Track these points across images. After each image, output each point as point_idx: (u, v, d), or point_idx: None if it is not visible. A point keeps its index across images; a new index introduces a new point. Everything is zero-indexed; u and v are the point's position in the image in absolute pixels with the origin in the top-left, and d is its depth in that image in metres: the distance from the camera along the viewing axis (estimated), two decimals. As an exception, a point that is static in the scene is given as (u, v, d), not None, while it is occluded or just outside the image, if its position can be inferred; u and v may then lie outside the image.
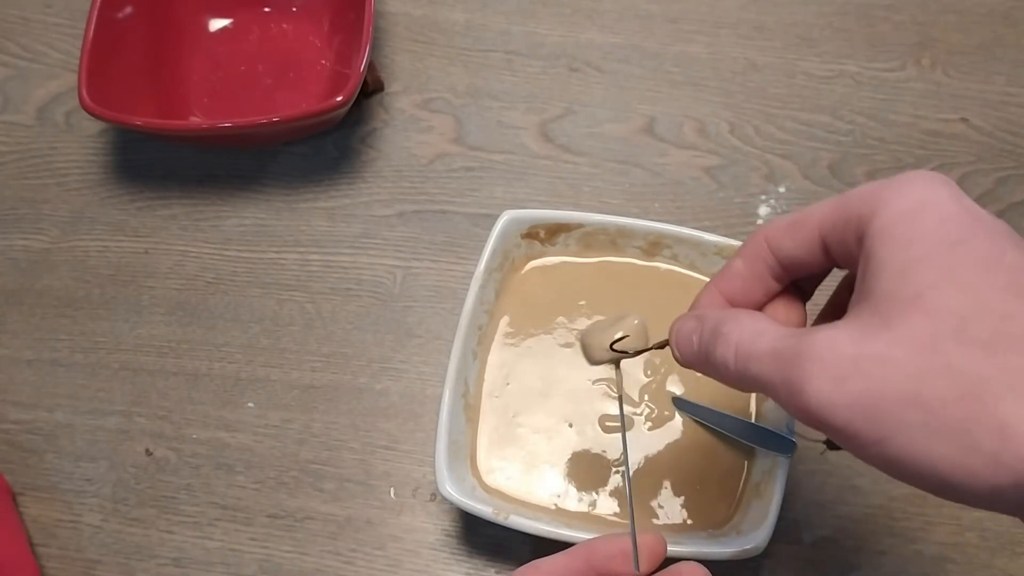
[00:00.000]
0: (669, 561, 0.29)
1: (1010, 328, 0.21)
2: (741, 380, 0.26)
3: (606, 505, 0.40)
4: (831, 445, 0.35)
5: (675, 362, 0.29)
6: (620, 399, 0.34)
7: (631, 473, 0.32)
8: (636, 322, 0.32)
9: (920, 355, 0.21)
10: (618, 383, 0.34)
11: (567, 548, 0.30)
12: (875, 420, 0.21)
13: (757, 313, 0.27)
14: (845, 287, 0.29)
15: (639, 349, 0.32)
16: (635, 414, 0.41)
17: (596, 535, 0.36)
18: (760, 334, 0.25)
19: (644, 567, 0.27)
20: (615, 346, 0.32)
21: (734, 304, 0.28)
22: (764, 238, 0.27)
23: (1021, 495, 0.20)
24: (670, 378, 0.42)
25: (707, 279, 0.44)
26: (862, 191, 0.24)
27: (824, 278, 0.29)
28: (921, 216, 0.23)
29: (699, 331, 0.27)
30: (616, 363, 0.33)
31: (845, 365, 0.22)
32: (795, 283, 0.28)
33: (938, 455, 0.21)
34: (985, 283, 0.21)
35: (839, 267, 0.26)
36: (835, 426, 0.22)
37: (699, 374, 0.41)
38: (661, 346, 0.31)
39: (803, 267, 0.27)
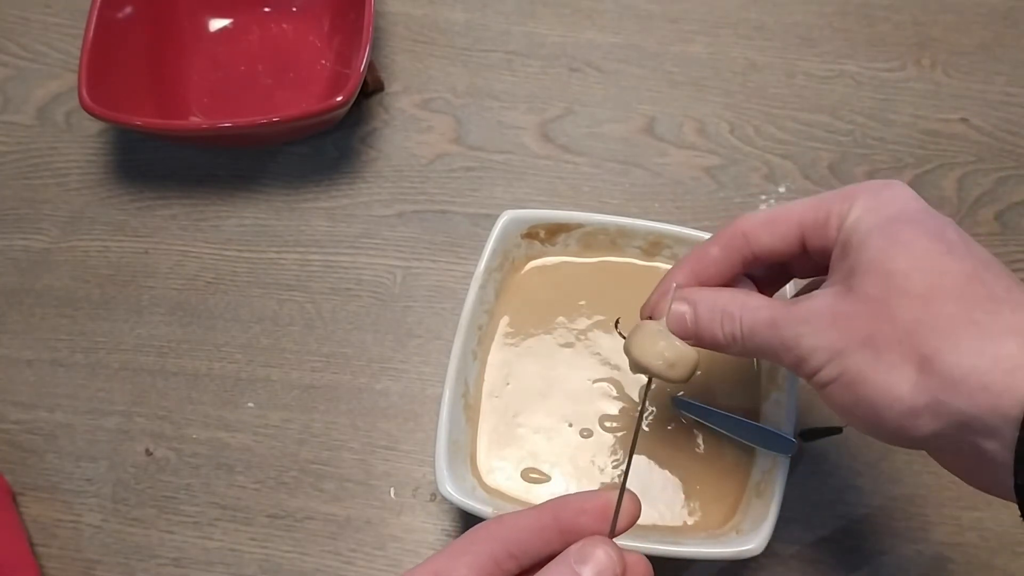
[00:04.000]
0: (668, 562, 0.29)
1: (943, 282, 0.26)
2: (745, 351, 0.31)
3: (606, 505, 0.39)
4: (805, 437, 0.39)
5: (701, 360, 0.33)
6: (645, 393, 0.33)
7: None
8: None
9: (872, 307, 0.27)
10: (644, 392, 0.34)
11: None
12: (839, 361, 0.28)
13: (746, 291, 0.33)
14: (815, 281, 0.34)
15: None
16: (635, 414, 0.41)
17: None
18: (759, 309, 0.30)
19: (618, 527, 0.26)
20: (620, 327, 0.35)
21: (702, 284, 0.33)
22: (742, 231, 0.32)
23: (934, 413, 0.26)
24: (670, 378, 0.42)
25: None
26: (841, 191, 0.30)
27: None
28: (888, 206, 0.29)
29: (691, 312, 0.32)
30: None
31: (825, 320, 0.28)
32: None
33: (875, 385, 0.27)
34: (928, 249, 0.27)
35: (811, 256, 0.31)
36: (813, 369, 0.28)
37: (699, 373, 0.42)
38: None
39: (776, 258, 0.32)
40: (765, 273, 0.35)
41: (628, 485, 0.27)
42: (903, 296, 0.26)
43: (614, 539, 0.26)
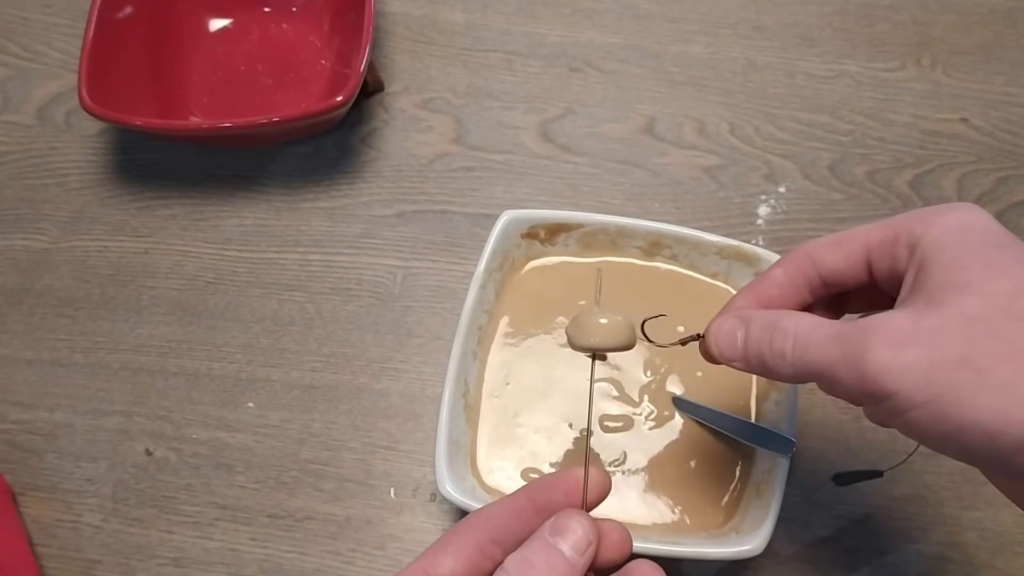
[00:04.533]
0: (668, 562, 0.29)
1: None
2: (796, 368, 0.28)
3: (606, 505, 0.39)
4: (839, 482, 0.38)
5: (702, 360, 0.32)
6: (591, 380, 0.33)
7: (592, 428, 0.32)
8: (620, 319, 0.32)
9: (971, 325, 0.24)
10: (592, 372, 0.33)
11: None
12: (928, 381, 0.24)
13: (806, 312, 0.29)
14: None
15: (668, 344, 0.33)
16: (635, 414, 0.41)
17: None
18: (818, 325, 0.27)
19: (589, 500, 0.27)
20: (647, 330, 0.33)
21: (765, 307, 0.30)
22: (807, 252, 0.30)
23: None
24: (670, 378, 0.42)
25: (707, 279, 0.44)
26: (912, 213, 0.28)
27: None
28: (968, 229, 0.26)
29: (743, 329, 0.29)
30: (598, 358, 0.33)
31: (904, 335, 0.24)
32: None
33: (983, 407, 0.23)
34: None
35: (877, 283, 0.29)
36: (888, 390, 0.24)
37: (699, 373, 0.42)
38: (694, 339, 0.32)
39: (842, 281, 0.30)
40: (826, 309, 0.32)
41: (636, 480, 0.27)
42: (1010, 316, 0.24)
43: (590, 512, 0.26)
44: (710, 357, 0.31)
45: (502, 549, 0.25)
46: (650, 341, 0.33)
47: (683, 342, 0.33)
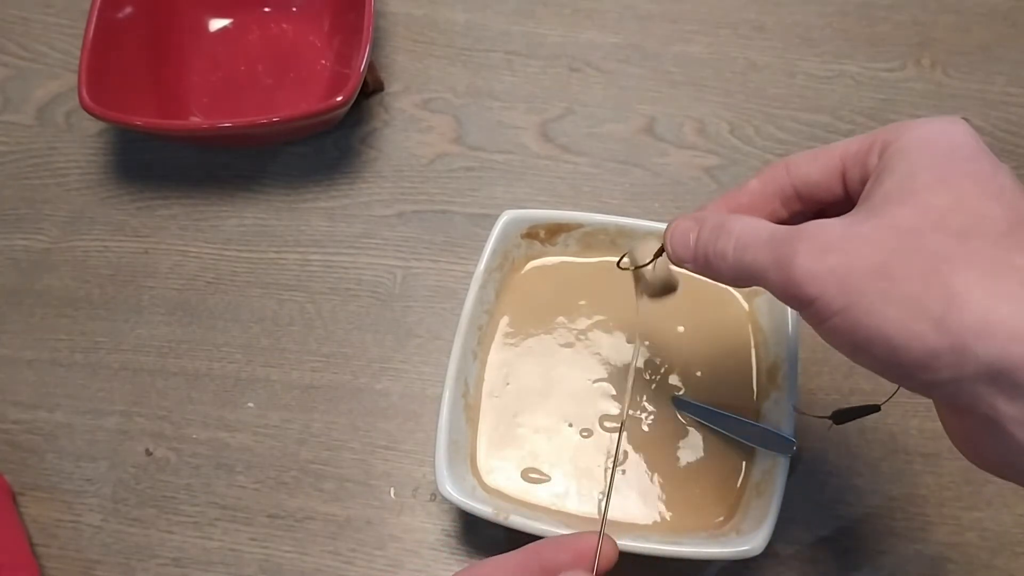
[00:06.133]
0: (668, 562, 0.29)
1: (986, 226, 0.23)
2: (735, 270, 0.27)
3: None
4: (837, 419, 0.36)
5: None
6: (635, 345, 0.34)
7: (616, 473, 0.33)
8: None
9: (896, 236, 0.24)
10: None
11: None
12: (843, 289, 0.24)
13: (759, 217, 0.29)
14: None
15: (640, 264, 0.34)
16: (635, 414, 0.41)
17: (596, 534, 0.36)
18: (760, 227, 0.27)
19: (598, 568, 0.27)
20: (621, 264, 0.34)
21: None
22: (785, 163, 0.29)
23: (955, 360, 0.22)
24: (670, 378, 0.42)
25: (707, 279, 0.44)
26: (891, 124, 0.27)
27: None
28: (938, 139, 0.25)
29: (696, 230, 0.29)
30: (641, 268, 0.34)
31: (830, 242, 0.24)
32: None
33: (890, 319, 0.23)
34: (974, 190, 0.24)
35: (850, 198, 0.28)
36: (809, 296, 0.24)
37: (699, 373, 0.42)
38: (659, 253, 0.33)
39: (816, 193, 0.29)
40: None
41: (636, 480, 0.27)
42: (939, 231, 0.23)
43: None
44: (671, 259, 0.31)
45: None
46: (631, 268, 0.34)
47: (656, 255, 0.33)
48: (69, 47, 0.53)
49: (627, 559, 0.39)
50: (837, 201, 0.29)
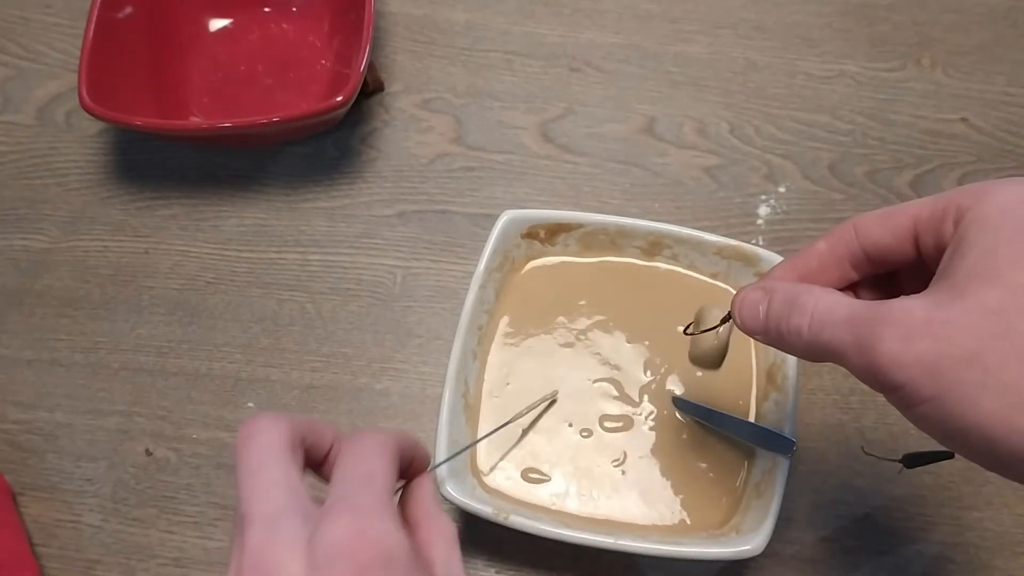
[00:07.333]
0: (668, 562, 0.29)
1: None
2: (811, 348, 0.27)
3: (606, 505, 0.40)
4: (908, 463, 0.36)
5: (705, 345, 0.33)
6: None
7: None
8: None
9: (986, 320, 0.22)
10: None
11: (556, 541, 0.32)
12: (935, 377, 0.23)
13: (831, 288, 0.28)
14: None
15: (707, 328, 0.34)
16: (635, 414, 0.41)
17: (597, 537, 0.36)
18: (837, 304, 0.26)
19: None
20: (687, 331, 0.35)
21: (803, 280, 0.29)
22: (853, 224, 0.28)
23: None
24: (670, 378, 0.42)
25: (707, 279, 0.44)
26: (967, 186, 0.26)
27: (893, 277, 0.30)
28: (1016, 208, 0.24)
29: (766, 301, 0.28)
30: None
31: (916, 327, 0.23)
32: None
33: (987, 411, 0.22)
34: None
35: (923, 261, 0.27)
36: (896, 383, 0.23)
37: (700, 372, 0.42)
38: (725, 320, 0.33)
39: (887, 256, 0.28)
40: (874, 288, 0.30)
41: (636, 480, 0.27)
42: None
43: None
44: (741, 329, 0.30)
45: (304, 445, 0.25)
46: (696, 333, 0.34)
47: (723, 321, 0.33)
48: (69, 47, 0.53)
49: (627, 559, 0.39)
50: (909, 262, 0.28)
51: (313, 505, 0.23)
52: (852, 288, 0.30)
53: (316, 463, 0.26)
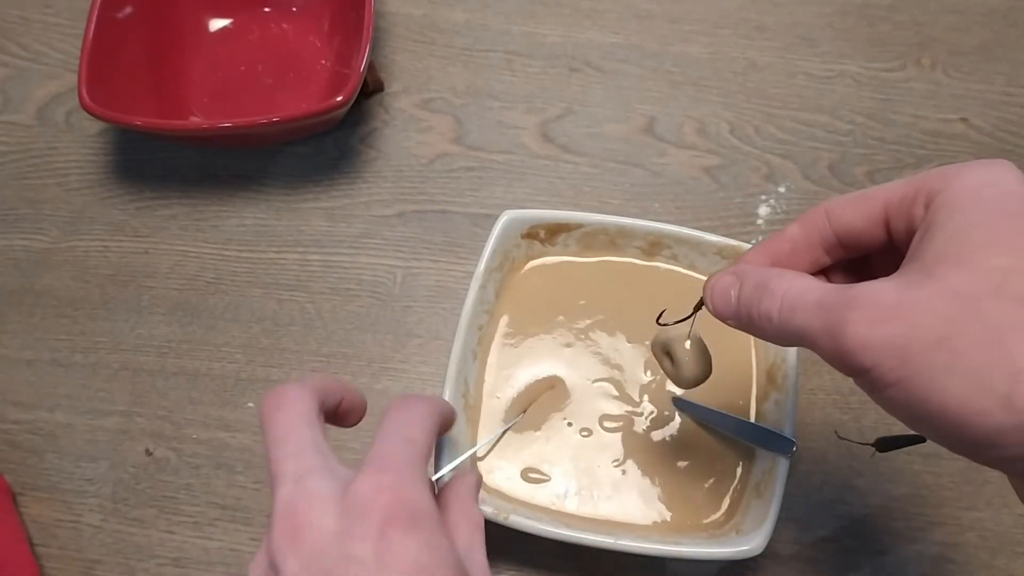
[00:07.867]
0: (668, 562, 0.29)
1: None
2: (781, 332, 0.26)
3: (606, 505, 0.40)
4: (881, 447, 0.35)
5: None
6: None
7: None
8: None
9: (956, 304, 0.22)
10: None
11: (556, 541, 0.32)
12: (903, 360, 0.22)
13: (802, 272, 0.28)
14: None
15: (679, 319, 0.33)
16: (635, 414, 0.41)
17: (597, 537, 0.36)
18: (807, 289, 0.26)
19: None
20: (660, 320, 0.34)
21: (775, 265, 0.29)
22: (825, 208, 0.28)
23: (1022, 438, 0.21)
24: (670, 378, 0.42)
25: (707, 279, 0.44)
26: (938, 169, 0.25)
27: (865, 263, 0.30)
28: (988, 190, 0.24)
29: (737, 286, 0.28)
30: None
31: (885, 310, 0.23)
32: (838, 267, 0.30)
33: (953, 394, 0.22)
34: None
35: (895, 245, 0.27)
36: (864, 366, 0.23)
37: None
38: (698, 307, 0.32)
39: (859, 240, 0.28)
40: (847, 272, 0.30)
41: (636, 480, 0.27)
42: (1000, 297, 0.22)
43: None
44: (713, 315, 0.30)
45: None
46: (669, 324, 0.34)
47: (695, 308, 0.32)
48: (69, 47, 0.53)
49: (627, 559, 0.39)
50: (881, 246, 0.28)
51: (340, 465, 0.25)
52: (825, 272, 0.29)
53: (328, 415, 0.29)
